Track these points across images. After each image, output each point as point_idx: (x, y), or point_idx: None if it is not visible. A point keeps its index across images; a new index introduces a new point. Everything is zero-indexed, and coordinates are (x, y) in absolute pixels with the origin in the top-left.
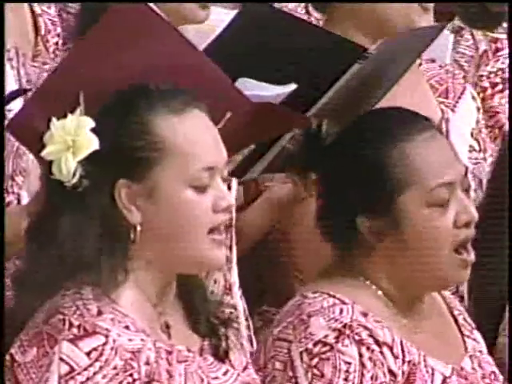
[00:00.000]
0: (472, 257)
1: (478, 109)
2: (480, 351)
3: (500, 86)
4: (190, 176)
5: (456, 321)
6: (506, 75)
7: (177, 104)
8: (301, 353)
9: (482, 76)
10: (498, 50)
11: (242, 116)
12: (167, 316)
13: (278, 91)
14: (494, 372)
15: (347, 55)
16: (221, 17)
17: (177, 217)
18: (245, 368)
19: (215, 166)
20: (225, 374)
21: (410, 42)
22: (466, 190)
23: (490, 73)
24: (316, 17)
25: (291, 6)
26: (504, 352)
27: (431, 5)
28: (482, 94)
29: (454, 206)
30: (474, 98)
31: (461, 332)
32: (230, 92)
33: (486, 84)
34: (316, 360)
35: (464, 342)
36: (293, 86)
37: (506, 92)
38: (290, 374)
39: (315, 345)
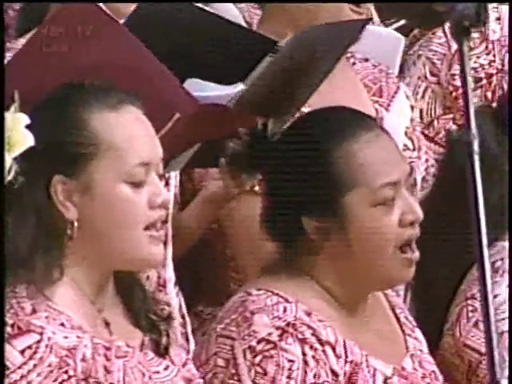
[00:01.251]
0: (416, 255)
1: (412, 107)
2: (421, 350)
3: (472, 85)
4: (125, 171)
5: (398, 319)
6: (480, 74)
7: (112, 100)
8: (244, 350)
9: (454, 75)
10: (470, 49)
11: (190, 117)
12: (107, 312)
13: (227, 91)
14: (434, 371)
15: (258, 49)
16: None
17: (113, 213)
18: (184, 364)
19: (151, 162)
20: (166, 368)
21: (331, 35)
22: (412, 188)
23: None
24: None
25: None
26: (449, 352)
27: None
28: (454, 93)
29: (399, 206)
30: (407, 96)
31: (402, 331)
32: (179, 93)
33: (458, 83)
34: (259, 358)
35: (405, 341)
36: (240, 86)
37: (479, 91)
38: (233, 371)
39: (259, 342)
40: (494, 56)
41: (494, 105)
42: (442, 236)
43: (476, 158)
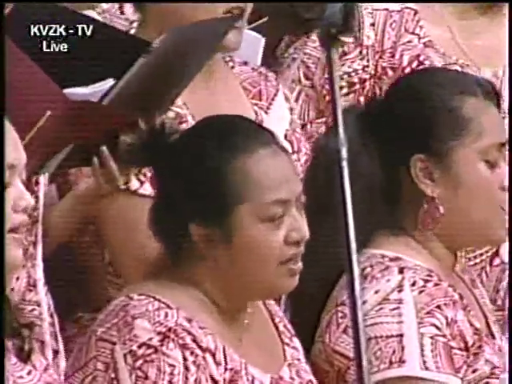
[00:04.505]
0: (299, 265)
1: (291, 109)
2: (298, 359)
3: (345, 90)
4: None
5: (277, 328)
6: (354, 79)
7: None
8: (125, 355)
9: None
10: (345, 53)
11: (62, 115)
12: None
13: (97, 88)
14: (311, 380)
15: (131, 50)
16: None
17: None
18: (45, 369)
19: (16, 165)
20: (29, 373)
21: (200, 34)
22: (302, 206)
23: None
24: (129, 17)
25: (105, 5)
26: (320, 358)
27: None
28: (328, 97)
29: (286, 223)
30: (287, 98)
31: (281, 340)
32: (49, 91)
33: None
34: (140, 362)
35: (283, 350)
36: (110, 82)
37: (351, 96)
38: (113, 375)
39: (140, 347)
40: (368, 61)
41: (361, 105)
42: (314, 242)
43: (344, 164)
